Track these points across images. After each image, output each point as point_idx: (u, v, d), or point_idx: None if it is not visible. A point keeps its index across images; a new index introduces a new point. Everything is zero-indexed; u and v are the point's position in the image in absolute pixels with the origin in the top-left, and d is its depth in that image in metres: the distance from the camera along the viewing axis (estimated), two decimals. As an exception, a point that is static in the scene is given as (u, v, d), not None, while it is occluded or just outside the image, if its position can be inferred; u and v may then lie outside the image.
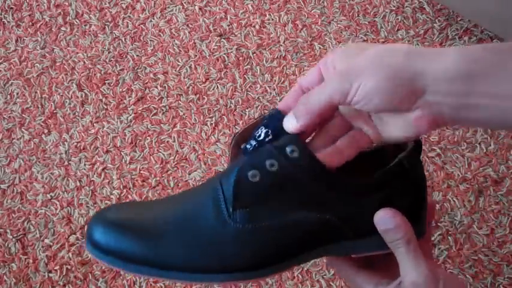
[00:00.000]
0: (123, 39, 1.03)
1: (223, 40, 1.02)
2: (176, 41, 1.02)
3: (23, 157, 0.94)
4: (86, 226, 0.48)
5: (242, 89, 0.97)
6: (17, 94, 0.99)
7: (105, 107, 0.97)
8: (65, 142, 0.94)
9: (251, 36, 1.02)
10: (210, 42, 1.02)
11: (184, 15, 1.05)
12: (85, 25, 1.05)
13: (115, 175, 0.91)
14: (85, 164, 0.93)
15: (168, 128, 0.95)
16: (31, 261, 0.86)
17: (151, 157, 0.93)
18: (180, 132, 0.94)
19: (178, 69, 1.00)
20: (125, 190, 0.90)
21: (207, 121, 0.95)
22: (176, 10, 1.05)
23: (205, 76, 0.99)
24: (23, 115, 0.97)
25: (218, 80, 0.98)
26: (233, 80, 0.98)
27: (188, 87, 0.98)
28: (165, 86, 0.98)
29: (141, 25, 1.04)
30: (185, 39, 1.02)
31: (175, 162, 0.92)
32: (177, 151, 0.93)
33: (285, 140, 0.47)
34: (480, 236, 0.85)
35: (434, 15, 1.02)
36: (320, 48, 1.00)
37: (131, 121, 0.96)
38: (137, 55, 1.01)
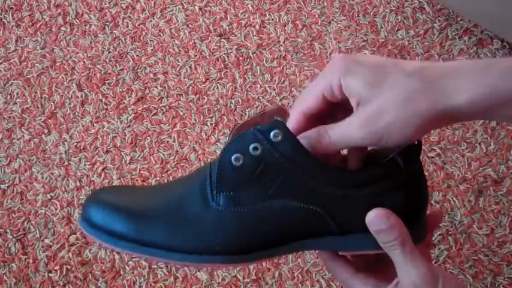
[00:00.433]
0: (123, 39, 1.03)
1: (223, 40, 1.02)
2: (176, 41, 1.02)
3: (23, 157, 0.94)
4: (82, 205, 0.50)
5: (242, 89, 0.97)
6: (17, 94, 0.99)
7: (105, 107, 0.97)
8: (65, 142, 0.94)
9: (251, 36, 1.02)
10: (210, 42, 1.02)
11: (184, 15, 1.05)
12: (85, 25, 1.05)
13: (115, 175, 0.91)
14: (85, 164, 0.93)
15: (168, 128, 0.95)
16: (31, 261, 0.86)
17: (151, 157, 0.93)
18: (180, 132, 0.94)
19: (178, 69, 1.00)
20: (125, 190, 0.90)
21: (207, 121, 0.95)
22: (176, 10, 1.05)
23: (205, 76, 0.99)
24: (23, 115, 0.97)
25: (218, 80, 0.98)
26: (233, 80, 0.98)
27: (188, 87, 0.98)
28: (165, 86, 0.98)
29: (141, 25, 1.04)
30: (185, 39, 1.02)
31: (175, 162, 0.92)
32: (177, 151, 0.93)
33: (270, 125, 0.47)
34: (480, 236, 0.85)
35: (434, 15, 1.02)
36: (320, 48, 1.00)
37: (131, 121, 0.96)
38: (137, 55, 1.01)
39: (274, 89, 0.97)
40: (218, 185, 0.48)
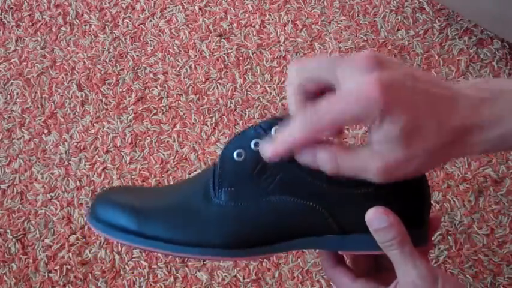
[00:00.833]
0: (123, 39, 1.03)
1: (223, 40, 1.02)
2: (176, 41, 1.02)
3: (23, 157, 0.94)
4: (91, 202, 0.52)
5: (242, 89, 0.97)
6: (17, 94, 0.99)
7: (105, 107, 0.97)
8: (65, 142, 0.94)
9: (251, 36, 1.02)
10: (210, 42, 1.02)
11: (184, 15, 1.05)
12: (85, 25, 1.05)
13: (115, 175, 0.91)
14: (85, 164, 0.93)
15: (168, 128, 0.95)
16: (31, 261, 0.86)
17: (151, 157, 0.93)
18: (180, 132, 0.94)
19: (178, 69, 1.00)
20: (125, 190, 0.91)
21: (207, 121, 0.95)
22: (176, 10, 1.05)
23: (205, 76, 0.99)
24: (23, 115, 0.97)
25: (218, 80, 0.98)
26: (233, 80, 0.98)
27: (188, 87, 0.98)
28: (165, 86, 0.98)
29: (141, 25, 1.04)
30: (185, 39, 1.02)
31: (175, 162, 0.92)
32: (177, 151, 0.93)
33: (271, 120, 0.48)
34: (480, 236, 0.85)
35: (434, 15, 1.02)
36: (320, 48, 1.00)
37: (131, 121, 0.96)
38: (137, 55, 1.01)
39: (274, 89, 0.97)
40: (220, 181, 0.49)
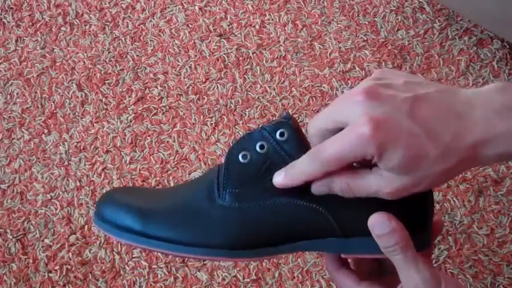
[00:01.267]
0: (123, 39, 1.03)
1: (223, 40, 1.02)
2: (176, 41, 1.02)
3: (23, 157, 0.94)
4: (96, 203, 0.53)
5: (242, 89, 0.97)
6: (17, 94, 0.99)
7: (105, 107, 0.97)
8: (65, 142, 0.94)
9: (251, 36, 1.02)
10: (210, 42, 1.02)
11: (184, 15, 1.05)
12: (85, 25, 1.05)
13: (115, 175, 0.91)
14: (85, 164, 0.93)
15: (168, 128, 0.95)
16: (31, 261, 0.86)
17: (151, 157, 0.93)
18: (180, 132, 0.94)
19: (178, 69, 1.00)
20: (125, 190, 0.91)
21: (207, 121, 0.95)
22: (176, 10, 1.05)
23: (205, 76, 0.99)
24: (23, 115, 0.97)
25: (218, 80, 0.98)
26: (233, 80, 0.98)
27: (188, 87, 0.98)
28: (165, 86, 0.98)
29: (141, 25, 1.04)
30: (185, 39, 1.02)
31: (175, 162, 0.92)
32: (177, 151, 0.93)
33: (277, 124, 0.49)
34: (480, 236, 0.85)
35: (434, 15, 1.02)
36: (320, 48, 1.00)
37: (131, 121, 0.96)
38: (137, 55, 1.01)
39: (274, 89, 0.97)
40: (224, 182, 0.49)
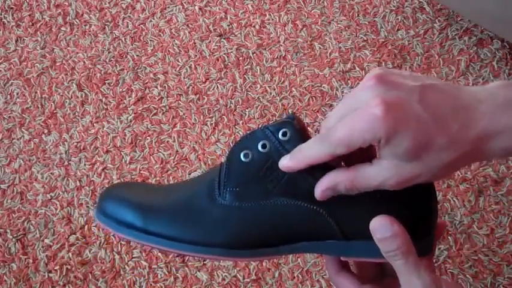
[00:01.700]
0: (123, 39, 1.03)
1: (223, 40, 1.02)
2: (176, 41, 1.02)
3: (23, 157, 0.94)
4: (98, 198, 0.54)
5: (242, 89, 0.97)
6: (17, 94, 0.99)
7: (105, 107, 0.97)
8: (65, 142, 0.94)
9: (251, 36, 1.02)
10: (210, 42, 1.02)
11: (184, 15, 1.05)
12: (85, 25, 1.05)
13: (115, 175, 0.91)
14: (85, 164, 0.93)
15: (168, 128, 0.95)
16: (31, 261, 0.86)
17: (151, 157, 0.93)
18: (180, 132, 0.94)
19: (178, 69, 1.00)
20: (125, 190, 0.90)
21: (207, 121, 0.95)
22: (176, 10, 1.05)
23: (205, 76, 0.99)
24: (23, 115, 0.97)
25: (218, 80, 0.98)
26: (233, 80, 0.98)
27: (188, 87, 0.98)
28: (165, 86, 0.98)
29: (141, 25, 1.04)
30: (185, 39, 1.02)
31: (175, 162, 0.92)
32: (177, 151, 0.93)
33: (279, 124, 0.48)
34: (480, 236, 0.85)
35: (434, 15, 1.02)
36: (320, 48, 1.00)
37: (131, 121, 0.96)
38: (137, 55, 1.01)
39: (274, 89, 0.97)
40: (225, 181, 0.49)
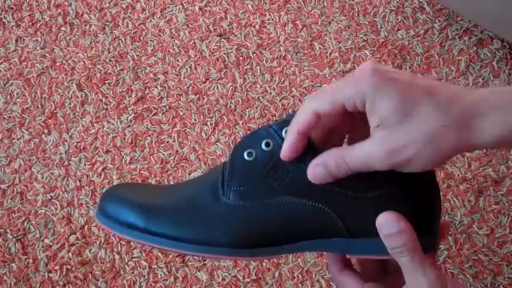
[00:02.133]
0: (123, 39, 1.03)
1: (223, 40, 1.02)
2: (176, 41, 1.02)
3: (23, 157, 0.94)
4: (99, 198, 0.53)
5: (242, 89, 0.97)
6: (17, 94, 0.99)
7: (105, 107, 0.97)
8: (65, 142, 0.94)
9: (251, 36, 1.02)
10: (210, 42, 1.02)
11: (184, 15, 1.05)
12: (85, 25, 1.05)
13: (115, 175, 0.91)
14: (85, 164, 0.93)
15: (168, 128, 0.95)
16: (31, 261, 0.86)
17: (151, 157, 0.93)
18: (180, 132, 0.94)
19: (178, 69, 1.00)
20: (125, 190, 0.90)
21: (207, 121, 0.95)
22: (176, 10, 1.05)
23: (205, 76, 0.99)
24: (23, 115, 0.97)
25: (218, 80, 0.98)
26: (233, 80, 0.98)
27: (188, 87, 0.98)
28: (165, 86, 0.98)
29: (141, 25, 1.04)
30: (185, 39, 1.02)
31: (175, 162, 0.92)
32: (177, 151, 0.93)
33: (283, 122, 0.48)
34: (480, 236, 0.85)
35: (434, 15, 1.02)
36: (320, 48, 1.00)
37: (131, 121, 0.96)
38: (137, 55, 1.01)
39: (274, 89, 0.97)
40: (229, 180, 0.49)
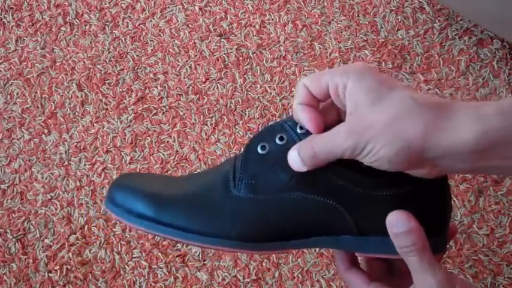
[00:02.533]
0: (123, 39, 1.03)
1: (223, 40, 1.02)
2: (176, 41, 1.02)
3: (23, 157, 0.94)
4: (108, 188, 0.53)
5: (242, 89, 0.97)
6: (17, 94, 0.99)
7: (105, 107, 0.97)
8: (65, 142, 0.94)
9: (251, 36, 1.02)
10: (210, 42, 1.02)
11: (184, 15, 1.05)
12: (85, 25, 1.05)
13: (115, 175, 0.91)
14: (85, 164, 0.93)
15: (168, 128, 0.95)
16: (31, 261, 0.86)
17: (151, 157, 0.93)
18: (180, 132, 0.94)
19: (178, 69, 1.00)
20: (125, 190, 0.90)
21: (207, 121, 0.95)
22: (176, 10, 1.05)
23: (205, 76, 0.99)
24: (23, 115, 0.97)
25: (218, 80, 0.98)
26: (233, 80, 0.98)
27: (188, 87, 0.98)
28: (165, 86, 0.98)
29: (141, 25, 1.04)
30: (185, 39, 1.02)
31: (175, 162, 0.92)
32: (177, 151, 0.93)
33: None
34: (480, 236, 0.85)
35: (434, 15, 1.02)
36: (320, 48, 1.00)
37: (131, 121, 0.96)
38: (137, 55, 1.01)
39: (274, 89, 0.97)
40: (241, 172, 0.49)
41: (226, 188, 0.49)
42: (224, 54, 1.00)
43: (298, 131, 0.48)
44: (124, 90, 0.98)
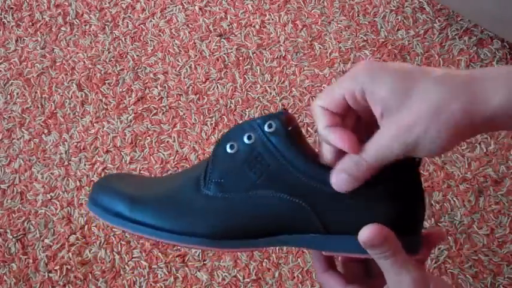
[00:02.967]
0: (123, 39, 1.03)
1: (223, 40, 1.02)
2: (176, 41, 1.02)
3: (23, 157, 0.94)
4: (91, 188, 0.55)
5: (242, 89, 0.97)
6: (17, 94, 0.99)
7: (105, 107, 0.97)
8: (65, 142, 0.94)
9: (251, 36, 1.02)
10: (210, 42, 1.02)
11: (184, 15, 1.05)
12: (85, 25, 1.05)
13: (115, 175, 0.91)
14: (85, 164, 0.93)
15: (168, 128, 0.95)
16: (31, 261, 0.86)
17: (151, 157, 0.93)
18: (180, 132, 0.94)
19: (178, 69, 1.00)
20: (125, 190, 0.90)
21: (207, 121, 0.95)
22: (176, 10, 1.05)
23: (205, 76, 0.99)
24: (23, 115, 0.97)
25: (218, 80, 0.98)
26: (233, 80, 0.98)
27: (188, 87, 0.98)
28: (165, 86, 0.98)
29: (141, 25, 1.04)
30: (185, 39, 1.02)
31: (175, 162, 0.92)
32: (177, 151, 0.93)
33: (267, 116, 0.49)
34: (480, 236, 0.85)
35: (434, 15, 1.02)
36: (320, 48, 1.00)
37: (131, 121, 0.96)
38: (137, 55, 1.01)
39: (274, 89, 0.97)
40: (211, 172, 0.49)
41: (197, 187, 0.50)
42: (224, 54, 1.00)
43: (266, 130, 0.48)
44: (124, 90, 0.98)
